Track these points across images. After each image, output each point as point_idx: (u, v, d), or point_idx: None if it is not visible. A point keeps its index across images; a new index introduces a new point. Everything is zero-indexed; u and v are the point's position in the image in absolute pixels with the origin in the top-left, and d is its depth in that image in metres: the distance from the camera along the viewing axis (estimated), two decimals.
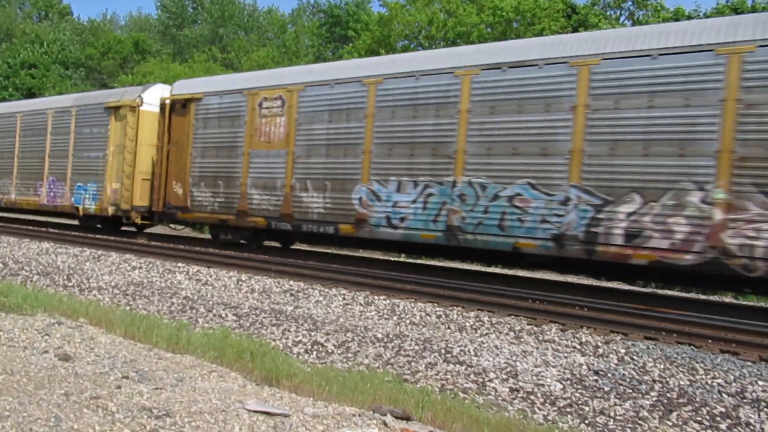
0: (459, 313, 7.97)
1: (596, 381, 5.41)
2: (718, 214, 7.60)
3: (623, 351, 6.42)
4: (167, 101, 14.15)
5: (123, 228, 16.46)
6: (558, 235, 8.75)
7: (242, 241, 13.34)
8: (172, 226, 16.23)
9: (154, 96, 15.07)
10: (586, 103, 8.62)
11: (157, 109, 14.67)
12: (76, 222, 17.55)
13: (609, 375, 5.56)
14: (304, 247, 15.20)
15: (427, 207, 9.99)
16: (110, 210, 15.19)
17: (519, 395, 5.07)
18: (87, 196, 15.88)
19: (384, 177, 10.52)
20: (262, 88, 12.45)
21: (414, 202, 10.13)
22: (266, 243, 13.94)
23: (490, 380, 5.36)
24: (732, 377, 5.65)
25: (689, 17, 18.96)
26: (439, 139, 9.95)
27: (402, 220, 10.23)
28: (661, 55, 8.13)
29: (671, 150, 7.98)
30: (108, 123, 15.44)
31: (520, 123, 9.18)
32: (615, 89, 8.41)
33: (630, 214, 8.21)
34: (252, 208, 12.35)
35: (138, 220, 15.24)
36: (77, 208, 16.08)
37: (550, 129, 8.90)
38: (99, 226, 16.40)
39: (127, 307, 7.73)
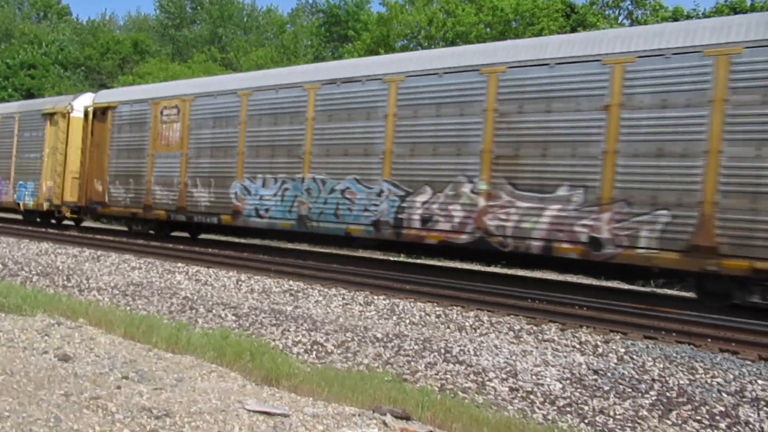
0: (458, 312, 7.98)
1: (596, 380, 5.41)
2: (482, 202, 9.46)
3: (623, 350, 6.42)
4: (90, 109, 16.12)
5: (64, 222, 18.46)
6: (375, 221, 10.55)
7: (150, 232, 15.38)
8: (104, 220, 18.40)
9: (83, 104, 16.79)
10: (395, 112, 10.45)
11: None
12: (19, 216, 19.48)
13: (608, 374, 5.56)
14: (304, 246, 15.21)
15: (284, 199, 11.85)
16: (45, 205, 17.23)
17: (518, 395, 5.08)
18: (27, 193, 17.91)
19: (253, 175, 12.37)
20: (163, 98, 14.39)
21: (275, 195, 11.99)
22: (177, 234, 15.92)
23: (490, 380, 5.37)
24: (731, 376, 5.65)
25: (688, 16, 18.96)
26: (293, 142, 11.77)
27: (266, 210, 12.10)
28: (445, 73, 9.98)
29: (451, 150, 9.81)
30: (44, 128, 17.55)
31: (349, 129, 11.00)
32: (413, 101, 10.26)
33: (424, 203, 10.04)
34: (155, 203, 14.29)
35: (68, 214, 17.45)
36: (18, 204, 18.14)
37: (370, 134, 10.69)
38: (39, 219, 18.45)
39: (127, 308, 7.73)
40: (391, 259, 14.40)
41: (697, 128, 7.84)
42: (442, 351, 6.09)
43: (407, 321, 7.53)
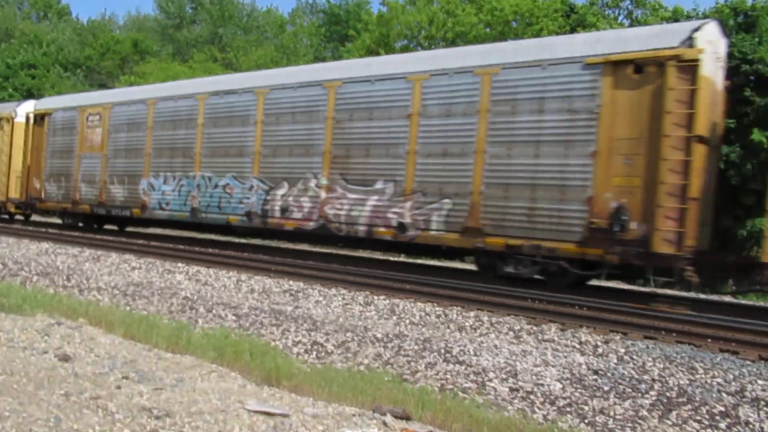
0: (458, 312, 7.98)
1: (596, 380, 5.41)
2: (323, 194, 11.24)
3: (623, 350, 6.42)
4: (31, 115, 18.33)
5: (17, 217, 20.45)
6: (248, 212, 12.38)
7: (80, 224, 17.39)
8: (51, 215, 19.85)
9: (25, 110, 18.84)
10: (262, 119, 12.40)
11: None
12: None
13: (608, 374, 5.56)
14: (304, 247, 15.21)
15: (181, 194, 13.82)
16: None
17: (519, 395, 5.08)
18: None
19: (157, 173, 14.40)
20: (88, 105, 16.46)
21: (173, 191, 13.97)
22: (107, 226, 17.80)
23: (490, 380, 5.37)
24: (731, 376, 5.65)
25: (688, 16, 18.95)
26: (187, 145, 13.76)
27: (167, 204, 14.12)
28: (299, 87, 11.91)
29: (302, 151, 11.71)
30: None
31: (229, 133, 12.95)
32: (276, 110, 12.14)
33: (283, 196, 11.87)
34: (81, 198, 16.39)
35: (12, 209, 19.49)
36: None
37: (244, 137, 12.62)
38: None
39: (127, 308, 7.73)
40: (391, 259, 14.40)
41: (470, 133, 9.64)
42: (442, 351, 6.09)
43: (407, 321, 7.53)
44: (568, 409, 4.82)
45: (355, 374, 5.35)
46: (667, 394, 5.14)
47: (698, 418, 4.69)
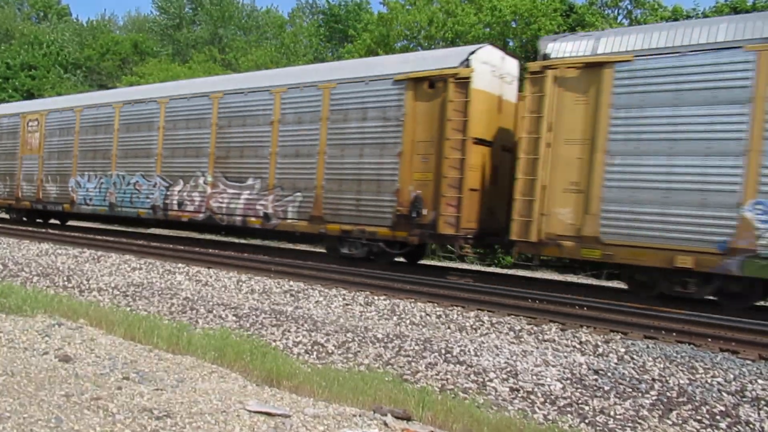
0: (459, 313, 7.98)
1: (596, 380, 5.41)
2: (209, 190, 13.15)
3: (623, 350, 6.42)
4: None
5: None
6: (153, 206, 14.34)
7: (24, 219, 19.65)
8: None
9: None
10: (163, 125, 14.25)
11: None
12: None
13: (609, 374, 5.56)
14: (302, 246, 15.21)
15: (101, 191, 15.75)
16: None
17: (519, 395, 5.08)
18: None
19: (83, 172, 16.37)
20: (29, 112, 18.61)
21: (95, 188, 15.94)
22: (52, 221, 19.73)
23: (490, 380, 5.37)
24: (732, 376, 5.65)
25: (688, 16, 18.96)
26: (106, 147, 15.73)
27: (91, 200, 16.05)
28: (192, 97, 13.76)
29: (193, 153, 13.55)
30: None
31: (138, 137, 14.86)
32: (174, 117, 14.02)
33: (179, 191, 13.79)
34: (23, 195, 18.45)
35: None
36: None
37: (149, 141, 14.51)
38: None
39: (128, 308, 7.73)
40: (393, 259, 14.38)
41: (315, 137, 11.48)
42: (443, 351, 6.09)
43: (408, 321, 7.53)
44: (568, 409, 4.82)
45: (356, 374, 5.36)
46: (668, 393, 5.14)
47: (698, 417, 4.69)
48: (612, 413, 4.72)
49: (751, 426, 4.58)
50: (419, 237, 10.12)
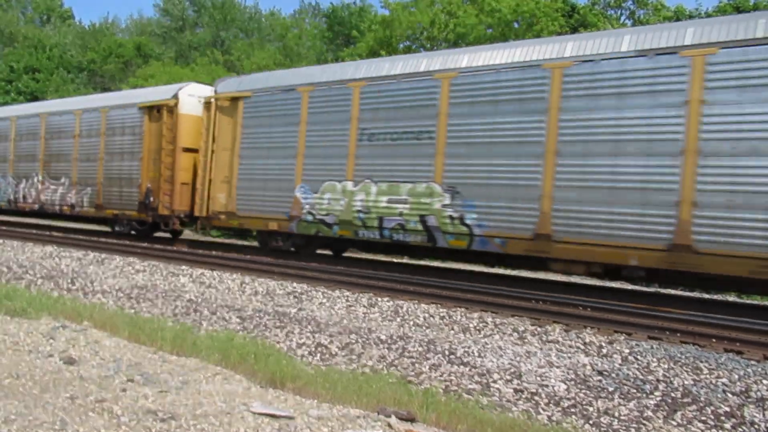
0: (462, 314, 7.97)
1: (600, 381, 5.40)
2: (40, 186, 17.67)
3: (627, 351, 6.41)
4: None
5: None
6: (8, 199, 18.70)
7: None
8: None
9: None
10: (14, 137, 18.52)
11: None
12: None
13: (613, 375, 5.55)
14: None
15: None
16: None
17: (523, 396, 5.07)
18: None
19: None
20: None
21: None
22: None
23: (494, 381, 5.37)
24: (736, 376, 5.64)
25: (690, 16, 18.93)
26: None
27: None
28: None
29: (31, 158, 17.89)
30: None
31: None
32: (25, 132, 18.15)
33: (23, 187, 18.30)
34: None
35: None
36: None
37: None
38: None
39: (131, 311, 7.75)
40: (395, 261, 14.40)
41: (96, 147, 16.01)
42: (447, 352, 6.09)
43: (411, 323, 7.53)
44: (572, 410, 4.81)
45: (360, 376, 5.36)
46: (672, 394, 5.14)
47: (703, 418, 4.68)
48: (616, 414, 4.71)
49: (756, 426, 4.57)
50: (152, 217, 14.46)
